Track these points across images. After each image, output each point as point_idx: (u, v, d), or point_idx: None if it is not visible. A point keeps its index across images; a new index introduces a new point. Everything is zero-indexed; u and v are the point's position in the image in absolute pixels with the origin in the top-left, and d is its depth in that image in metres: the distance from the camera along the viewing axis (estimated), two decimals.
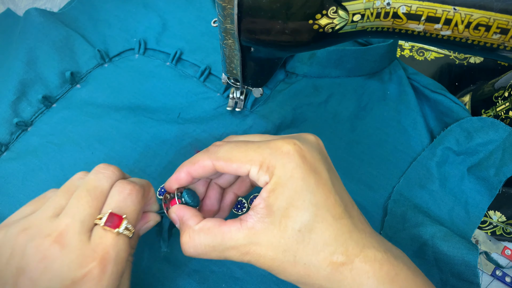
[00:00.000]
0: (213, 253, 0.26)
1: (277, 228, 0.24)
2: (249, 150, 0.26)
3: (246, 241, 0.25)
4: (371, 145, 0.45)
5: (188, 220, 0.27)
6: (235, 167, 0.26)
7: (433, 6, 0.28)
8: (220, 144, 0.28)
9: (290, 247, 0.24)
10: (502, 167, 0.40)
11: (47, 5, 0.58)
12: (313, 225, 0.24)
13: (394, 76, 0.48)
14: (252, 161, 0.25)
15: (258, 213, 0.25)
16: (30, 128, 0.44)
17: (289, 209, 0.24)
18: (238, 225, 0.25)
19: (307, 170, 0.25)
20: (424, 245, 0.37)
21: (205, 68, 0.49)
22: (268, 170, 0.25)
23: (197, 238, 0.26)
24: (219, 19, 0.31)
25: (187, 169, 0.28)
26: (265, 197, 0.25)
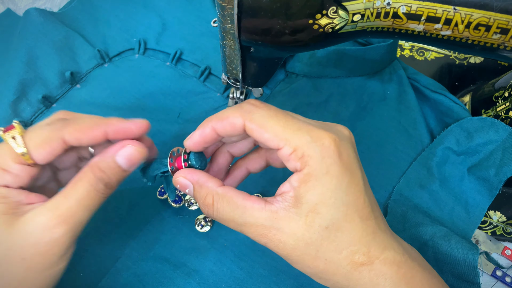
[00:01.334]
0: (230, 223, 0.25)
1: (303, 221, 0.24)
2: (288, 128, 0.24)
3: (268, 223, 0.24)
4: (371, 145, 0.45)
5: (207, 182, 0.26)
6: (267, 138, 0.24)
7: (433, 6, 0.28)
8: (258, 105, 0.26)
9: (314, 242, 0.24)
10: (502, 167, 0.40)
11: (47, 5, 0.58)
12: (341, 224, 0.24)
13: (394, 76, 0.48)
14: (288, 141, 0.24)
15: (285, 201, 0.24)
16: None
17: (319, 205, 0.24)
18: (262, 204, 0.24)
19: (343, 169, 0.24)
20: (424, 245, 0.37)
21: (205, 68, 0.49)
22: (302, 158, 0.24)
23: (220, 202, 0.25)
24: (219, 19, 0.31)
25: (213, 125, 0.26)
26: (296, 186, 0.24)
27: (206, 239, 0.38)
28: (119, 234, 0.38)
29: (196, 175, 0.27)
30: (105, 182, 0.27)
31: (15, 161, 0.26)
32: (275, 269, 0.36)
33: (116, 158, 0.27)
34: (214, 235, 0.38)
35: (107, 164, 0.27)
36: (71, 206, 0.25)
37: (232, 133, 0.26)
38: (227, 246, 0.37)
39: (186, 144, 0.28)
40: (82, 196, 0.26)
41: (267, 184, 0.41)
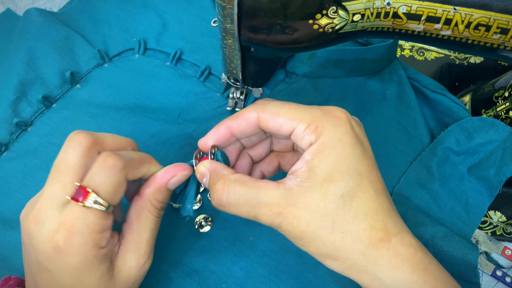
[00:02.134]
0: (244, 206, 0.25)
1: (318, 191, 0.23)
2: (299, 109, 0.25)
3: (282, 200, 0.24)
4: (371, 145, 0.44)
5: (222, 170, 0.27)
6: (281, 122, 0.25)
7: (433, 6, 0.28)
8: (270, 100, 0.27)
9: (330, 212, 0.23)
10: (502, 167, 0.40)
11: (47, 5, 0.58)
12: (356, 193, 0.23)
13: (394, 76, 0.48)
14: (301, 118, 0.25)
15: (298, 177, 0.24)
16: (30, 128, 0.44)
17: (334, 173, 0.23)
18: (275, 184, 0.24)
19: (355, 139, 0.25)
20: (424, 245, 0.37)
21: (205, 68, 0.49)
22: (316, 130, 0.24)
23: (232, 186, 0.25)
24: (219, 19, 0.31)
25: (228, 123, 0.27)
26: (309, 159, 0.24)
27: (206, 239, 0.38)
28: None
29: (215, 164, 0.27)
30: (163, 207, 0.29)
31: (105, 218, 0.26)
32: (275, 269, 0.36)
33: (168, 186, 0.29)
34: (214, 235, 0.38)
35: (162, 194, 0.29)
36: (148, 239, 0.28)
37: (246, 129, 0.27)
38: (227, 246, 0.37)
39: (200, 143, 0.29)
40: (152, 227, 0.29)
41: None
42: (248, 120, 0.27)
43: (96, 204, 0.25)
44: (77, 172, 0.25)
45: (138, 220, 0.28)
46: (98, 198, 0.25)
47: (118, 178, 0.26)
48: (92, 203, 0.25)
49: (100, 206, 0.25)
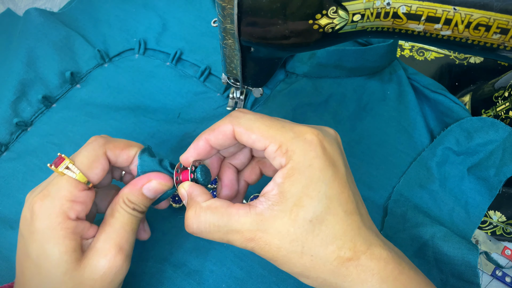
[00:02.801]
0: (216, 233, 0.26)
1: (288, 216, 0.24)
2: (272, 127, 0.25)
3: (253, 226, 0.24)
4: (371, 145, 0.45)
5: (197, 196, 0.27)
6: (254, 139, 0.26)
7: (433, 6, 0.28)
8: (245, 112, 0.27)
9: (299, 237, 0.24)
10: (502, 167, 0.40)
11: (47, 5, 0.58)
12: (324, 217, 0.24)
13: (394, 76, 0.48)
14: (273, 138, 0.25)
15: (269, 200, 0.24)
16: (30, 128, 0.44)
17: (303, 198, 0.24)
18: (247, 209, 0.25)
19: (326, 162, 0.25)
20: (424, 245, 0.37)
21: (205, 68, 0.49)
22: (286, 154, 0.24)
23: (203, 215, 0.26)
24: (219, 19, 0.31)
25: (206, 137, 0.28)
26: (280, 182, 0.24)
27: (206, 239, 0.38)
28: None
29: (193, 188, 0.28)
30: (139, 210, 0.30)
31: (79, 189, 0.27)
32: (275, 269, 0.36)
33: (143, 191, 0.30)
34: None
35: (136, 197, 0.29)
36: (119, 231, 0.28)
37: (224, 141, 0.27)
38: (227, 246, 0.37)
39: (181, 158, 0.29)
40: (125, 223, 0.29)
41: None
42: (224, 133, 0.27)
43: (67, 170, 0.27)
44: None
45: (111, 215, 0.29)
46: (71, 165, 0.27)
47: (96, 151, 0.28)
48: (63, 168, 0.27)
49: (72, 173, 0.27)
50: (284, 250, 0.24)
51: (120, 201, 0.29)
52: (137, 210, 0.29)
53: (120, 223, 0.29)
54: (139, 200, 0.29)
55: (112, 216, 0.29)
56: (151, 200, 0.30)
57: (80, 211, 0.27)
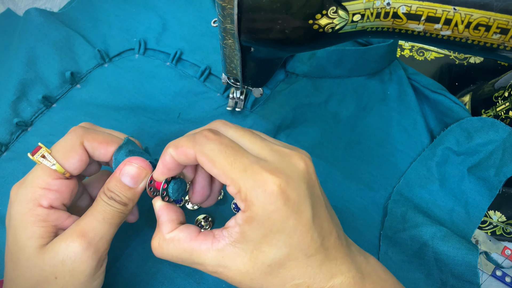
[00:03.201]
0: (180, 262, 0.27)
1: (248, 257, 0.24)
2: (234, 167, 0.24)
3: (214, 262, 0.25)
4: (371, 145, 0.45)
5: (162, 224, 0.27)
6: (215, 173, 0.25)
7: (433, 6, 0.28)
8: (210, 138, 0.25)
9: (258, 277, 0.25)
10: (502, 167, 0.40)
11: (47, 5, 0.58)
12: (283, 263, 0.24)
13: (394, 76, 0.48)
14: (233, 181, 0.24)
15: (231, 236, 0.25)
16: (30, 128, 0.44)
17: (263, 244, 0.24)
18: (209, 244, 0.25)
19: (288, 213, 0.24)
20: (424, 245, 0.37)
21: (205, 68, 0.49)
22: (245, 201, 0.24)
23: (165, 247, 0.26)
24: (219, 19, 0.31)
25: (170, 152, 0.26)
26: (241, 224, 0.24)
27: None
28: (119, 234, 0.38)
29: (161, 212, 0.28)
30: (118, 200, 0.28)
31: (53, 177, 0.27)
32: None
33: (121, 178, 0.28)
34: None
35: (114, 184, 0.28)
36: (90, 221, 0.27)
37: (187, 162, 0.26)
38: None
39: (154, 176, 0.28)
40: (99, 212, 0.28)
41: None
42: (186, 155, 0.26)
43: (43, 158, 0.27)
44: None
45: (91, 206, 0.29)
46: (47, 154, 0.27)
47: (73, 141, 0.28)
48: (39, 157, 0.27)
49: (48, 162, 0.27)
50: (244, 285, 0.25)
51: (101, 193, 0.29)
52: (115, 199, 0.28)
53: (92, 211, 0.28)
54: (117, 188, 0.28)
55: (92, 205, 0.28)
56: (131, 189, 0.29)
57: (53, 199, 0.27)
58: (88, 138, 0.29)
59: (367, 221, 0.41)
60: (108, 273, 0.36)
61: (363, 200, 0.41)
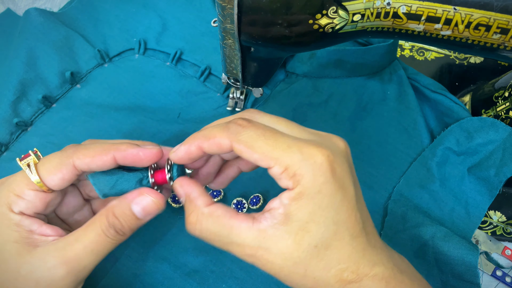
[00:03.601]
0: (217, 242, 0.25)
1: (292, 239, 0.23)
2: (277, 147, 0.23)
3: (255, 243, 0.24)
4: (371, 145, 0.45)
5: (197, 199, 0.26)
6: (256, 158, 0.23)
7: (433, 6, 0.28)
8: (245, 126, 0.24)
9: (302, 261, 0.23)
10: (502, 167, 0.40)
11: (47, 5, 0.58)
12: (330, 243, 0.24)
13: (394, 76, 0.48)
14: (278, 160, 0.23)
15: (275, 218, 0.24)
16: (30, 128, 0.44)
17: (310, 223, 0.23)
18: (250, 223, 0.24)
19: (336, 187, 0.23)
20: (425, 245, 0.37)
21: (205, 68, 0.49)
22: (294, 177, 0.23)
23: (204, 221, 0.24)
24: (219, 19, 0.31)
25: (199, 144, 0.25)
26: (286, 204, 0.23)
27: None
28: None
29: (190, 188, 0.26)
30: (117, 229, 0.27)
31: (29, 188, 0.27)
32: None
33: (131, 206, 0.27)
34: None
35: (122, 211, 0.27)
36: (78, 250, 0.26)
37: (219, 152, 0.25)
38: None
39: (171, 156, 0.27)
40: (90, 241, 0.26)
41: (267, 184, 0.41)
42: (219, 145, 0.25)
43: (26, 167, 0.26)
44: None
45: (84, 227, 0.27)
46: (32, 164, 0.26)
47: (61, 159, 0.27)
48: (25, 164, 0.26)
49: (29, 171, 0.26)
50: (286, 270, 0.24)
51: (102, 212, 0.27)
52: (115, 228, 0.27)
53: (86, 240, 0.26)
54: (124, 217, 0.27)
55: (84, 229, 0.27)
56: (137, 221, 0.27)
57: (24, 208, 0.26)
58: (78, 156, 0.27)
59: None
60: (108, 273, 0.36)
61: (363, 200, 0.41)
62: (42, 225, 0.27)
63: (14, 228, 0.26)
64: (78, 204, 0.31)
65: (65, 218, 0.31)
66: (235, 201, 0.40)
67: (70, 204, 0.31)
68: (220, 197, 0.40)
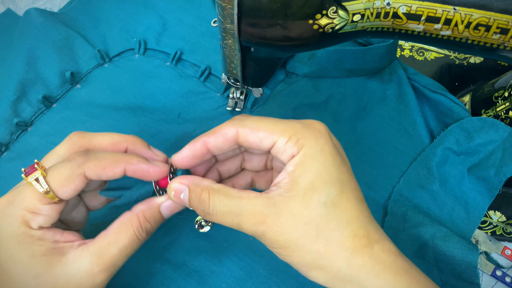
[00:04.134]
0: (228, 215, 0.25)
1: (301, 200, 0.24)
2: (278, 122, 0.26)
3: (265, 208, 0.24)
4: (371, 145, 0.45)
5: (203, 181, 0.26)
6: (261, 137, 0.25)
7: (433, 6, 0.28)
8: (247, 115, 0.27)
9: (313, 220, 0.23)
10: (502, 167, 0.40)
11: (47, 5, 0.58)
12: (338, 201, 0.24)
13: (394, 76, 0.48)
14: (282, 132, 0.25)
15: (281, 188, 0.24)
16: (30, 128, 0.44)
17: (316, 182, 0.24)
18: (258, 194, 0.25)
19: (335, 149, 0.25)
20: (424, 245, 0.37)
21: (205, 68, 0.49)
22: (298, 142, 0.25)
23: (217, 197, 0.25)
24: (219, 19, 0.31)
25: (204, 139, 0.27)
26: (291, 170, 0.24)
27: (206, 239, 0.38)
28: None
29: (191, 177, 0.27)
30: (148, 233, 0.29)
31: (43, 202, 0.26)
32: (275, 269, 0.36)
33: (161, 209, 0.29)
34: (214, 235, 0.38)
35: (152, 214, 0.28)
36: (115, 255, 0.27)
37: (224, 145, 0.27)
38: (227, 246, 0.37)
39: (174, 159, 0.28)
40: (126, 246, 0.27)
41: None
42: (226, 136, 0.26)
43: (36, 182, 0.26)
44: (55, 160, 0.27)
45: (116, 231, 0.27)
46: (41, 178, 0.26)
47: (72, 170, 0.26)
48: (33, 179, 0.26)
49: (40, 186, 0.25)
50: (297, 232, 0.24)
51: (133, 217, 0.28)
52: (147, 232, 0.28)
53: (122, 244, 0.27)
54: (154, 219, 0.29)
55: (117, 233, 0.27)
56: (163, 220, 0.29)
57: (43, 222, 0.26)
58: (90, 166, 0.27)
59: None
60: None
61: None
62: (64, 232, 0.27)
63: (38, 243, 0.26)
64: (75, 202, 0.31)
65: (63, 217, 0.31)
66: None
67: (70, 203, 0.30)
68: None
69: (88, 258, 0.26)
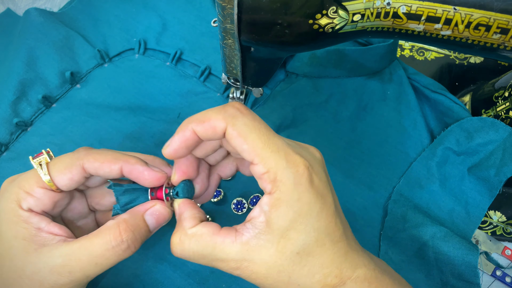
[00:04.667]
0: (201, 260, 0.25)
1: (275, 248, 0.24)
2: (268, 146, 0.24)
3: (238, 256, 0.24)
4: (371, 145, 0.45)
5: (184, 220, 0.26)
6: (245, 149, 0.24)
7: (433, 6, 0.28)
8: (243, 112, 0.25)
9: (286, 268, 0.24)
10: (502, 167, 0.40)
11: (47, 5, 0.58)
12: (312, 249, 0.24)
13: (394, 76, 0.48)
14: (264, 160, 0.23)
15: (256, 228, 0.24)
16: (30, 128, 0.44)
17: (290, 231, 0.24)
18: (233, 237, 0.24)
19: (315, 195, 0.24)
20: (425, 245, 0.37)
21: (205, 68, 0.49)
22: (274, 182, 0.24)
23: (187, 243, 0.25)
24: (219, 19, 0.31)
25: (193, 127, 0.25)
26: (267, 210, 0.24)
27: None
28: None
29: (184, 208, 0.27)
30: (129, 244, 0.26)
31: (39, 185, 0.27)
32: None
33: (145, 217, 0.28)
34: None
35: (136, 222, 0.27)
36: (83, 261, 0.26)
37: (212, 137, 0.25)
38: None
39: (165, 152, 0.26)
40: (96, 255, 0.26)
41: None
42: (214, 129, 0.25)
43: (39, 166, 0.27)
44: None
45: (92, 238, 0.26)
46: (44, 163, 0.27)
47: (72, 160, 0.27)
48: (37, 163, 0.27)
49: (40, 170, 0.27)
50: (271, 279, 0.24)
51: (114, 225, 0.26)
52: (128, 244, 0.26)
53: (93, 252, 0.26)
54: (138, 228, 0.27)
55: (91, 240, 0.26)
56: (148, 234, 0.28)
57: (33, 205, 0.26)
58: (89, 159, 0.27)
59: (367, 221, 0.41)
60: (108, 273, 0.36)
61: (363, 200, 0.41)
62: (50, 223, 0.27)
63: (22, 225, 0.26)
64: (83, 211, 0.31)
65: (69, 222, 0.31)
66: (235, 201, 0.40)
67: (76, 210, 0.31)
68: (220, 197, 0.40)
69: (58, 257, 0.26)
